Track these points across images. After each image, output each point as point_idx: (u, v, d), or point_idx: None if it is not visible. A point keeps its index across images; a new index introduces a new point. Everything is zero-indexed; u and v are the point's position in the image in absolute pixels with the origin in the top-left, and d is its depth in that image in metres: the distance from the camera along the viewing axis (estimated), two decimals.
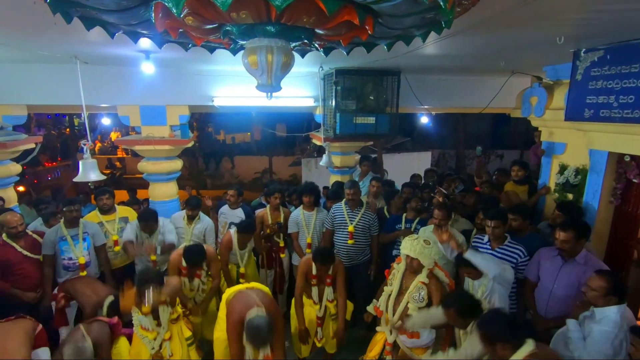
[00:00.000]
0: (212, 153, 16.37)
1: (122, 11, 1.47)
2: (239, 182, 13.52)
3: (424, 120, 6.18)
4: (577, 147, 3.73)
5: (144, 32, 1.85)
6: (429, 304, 2.60)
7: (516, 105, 4.50)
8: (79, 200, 3.71)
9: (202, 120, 16.78)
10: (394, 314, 2.73)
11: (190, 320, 3.22)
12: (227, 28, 1.60)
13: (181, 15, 1.32)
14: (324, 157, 4.56)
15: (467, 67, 4.48)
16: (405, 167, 7.21)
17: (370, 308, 3.07)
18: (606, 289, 2.22)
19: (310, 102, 4.94)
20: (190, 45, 2.19)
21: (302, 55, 2.50)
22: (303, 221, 4.12)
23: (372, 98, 4.54)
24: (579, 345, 2.23)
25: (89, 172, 3.37)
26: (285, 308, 4.47)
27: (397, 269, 2.73)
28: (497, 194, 4.36)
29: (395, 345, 2.80)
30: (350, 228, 3.98)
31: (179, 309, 3.06)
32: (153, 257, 3.61)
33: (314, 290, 3.34)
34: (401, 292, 2.69)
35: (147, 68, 3.40)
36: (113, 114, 5.03)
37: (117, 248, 3.84)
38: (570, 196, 3.85)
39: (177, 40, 2.05)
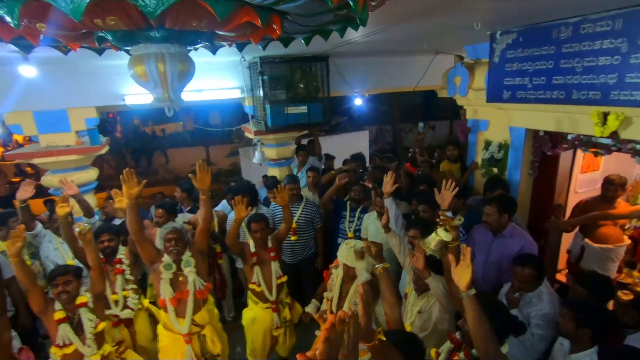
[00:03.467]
0: (141, 148, 15.03)
1: None
2: (176, 177, 12.63)
3: (358, 102, 6.12)
4: (498, 124, 3.91)
5: None
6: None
7: (442, 85, 4.60)
8: None
9: (125, 113, 15.25)
10: None
11: None
12: (100, 34, 1.29)
13: (20, 26, 1.00)
14: (256, 154, 4.31)
15: (393, 49, 4.45)
16: (344, 147, 7.20)
17: (309, 308, 3.00)
18: (534, 275, 2.35)
19: (237, 94, 4.59)
20: (68, 49, 1.81)
21: (214, 52, 2.22)
22: (244, 225, 3.90)
23: (302, 86, 4.34)
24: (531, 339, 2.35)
25: None
26: (234, 312, 4.29)
27: (336, 274, 2.67)
28: (435, 174, 4.47)
29: None
30: (292, 224, 3.85)
31: (109, 347, 2.73)
32: None
33: (257, 272, 3.18)
34: (342, 297, 2.64)
35: (28, 71, 2.83)
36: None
37: None
38: (495, 170, 4.06)
39: (48, 44, 1.67)
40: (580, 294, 2.34)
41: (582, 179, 4.45)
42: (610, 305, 2.43)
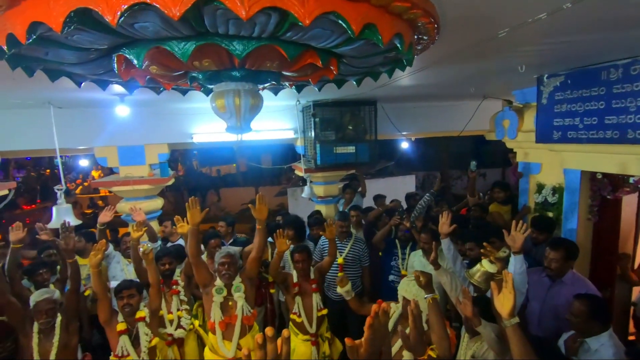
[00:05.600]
0: (197, 187, 16.21)
1: (84, 63, 1.47)
2: (226, 214, 13.32)
3: (405, 145, 6.28)
4: (551, 166, 3.82)
5: (112, 79, 1.85)
6: None
7: (490, 128, 4.63)
8: (49, 263, 3.59)
9: (186, 154, 16.70)
10: None
11: None
12: (193, 75, 1.61)
13: (143, 66, 1.32)
14: (306, 189, 4.55)
15: (439, 94, 4.62)
16: (389, 191, 7.23)
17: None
18: (587, 313, 2.20)
19: (290, 135, 4.98)
20: (161, 89, 2.20)
21: (275, 93, 2.54)
22: (288, 255, 4.04)
23: (350, 128, 4.61)
24: None
25: (64, 217, 3.29)
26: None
27: (395, 309, 2.55)
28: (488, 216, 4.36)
29: None
30: (340, 260, 3.92)
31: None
32: None
33: (298, 302, 3.23)
34: (395, 332, 2.58)
35: (122, 111, 3.40)
36: (91, 155, 4.97)
37: (87, 292, 3.70)
38: (550, 214, 3.90)
39: (148, 86, 2.06)
40: None
41: None
42: None
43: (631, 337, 3.89)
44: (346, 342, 0.98)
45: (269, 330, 0.86)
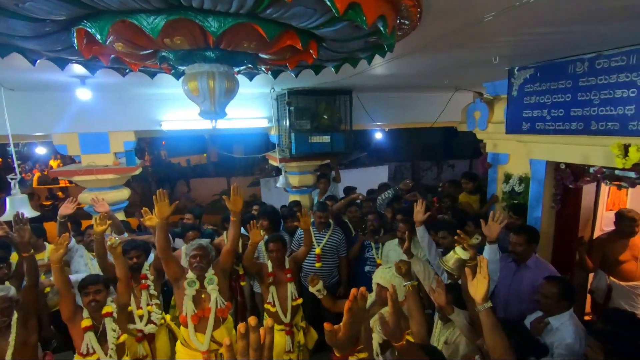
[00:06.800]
0: (165, 177, 15.65)
1: (39, 37, 1.33)
2: (197, 205, 12.97)
3: (378, 136, 6.32)
4: (519, 157, 3.97)
5: (72, 58, 1.70)
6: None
7: (461, 119, 4.74)
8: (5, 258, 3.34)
9: (154, 143, 16.06)
10: None
11: None
12: (164, 54, 1.50)
13: (107, 42, 1.21)
14: (281, 178, 4.48)
15: (414, 84, 4.67)
16: (363, 181, 7.29)
17: None
18: (558, 294, 2.31)
19: (264, 123, 4.87)
20: (127, 71, 2.06)
21: (250, 79, 2.45)
22: (262, 246, 3.98)
23: (326, 117, 4.57)
24: None
25: (19, 208, 3.05)
26: None
27: (370, 298, 2.60)
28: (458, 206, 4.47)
29: None
30: (318, 250, 3.90)
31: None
32: None
33: (272, 292, 3.20)
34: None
35: (84, 94, 3.16)
36: (49, 142, 4.63)
37: (47, 289, 3.48)
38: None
39: (112, 66, 1.92)
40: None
41: (608, 217, 4.37)
42: None
43: (587, 317, 4.16)
44: (325, 327, 0.96)
45: (252, 320, 0.83)
